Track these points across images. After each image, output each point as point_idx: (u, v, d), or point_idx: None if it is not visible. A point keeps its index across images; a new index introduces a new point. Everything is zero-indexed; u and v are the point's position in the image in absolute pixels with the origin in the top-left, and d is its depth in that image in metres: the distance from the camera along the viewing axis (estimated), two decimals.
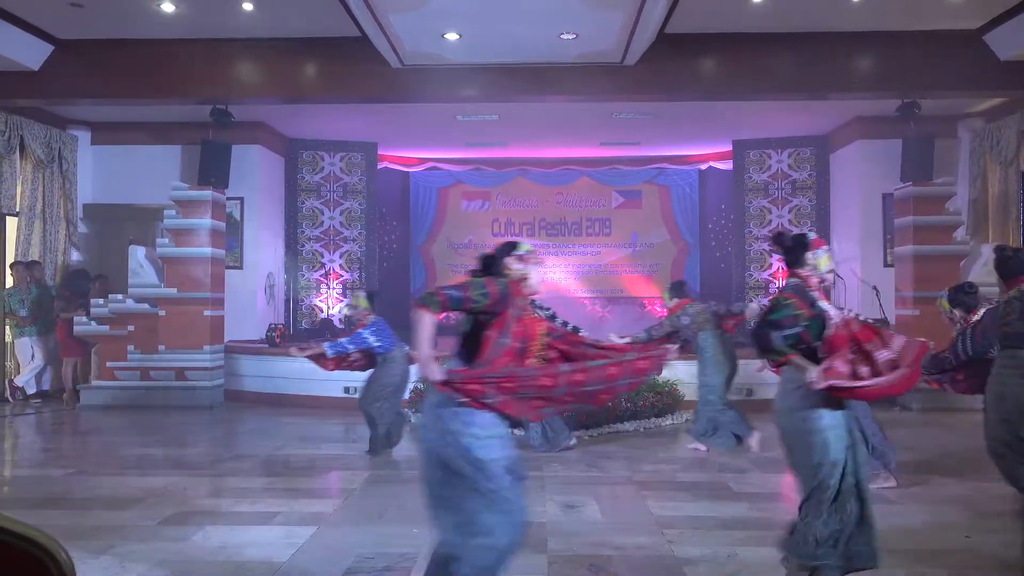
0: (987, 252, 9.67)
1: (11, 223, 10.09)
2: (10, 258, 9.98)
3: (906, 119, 9.68)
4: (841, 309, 3.72)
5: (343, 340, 6.73)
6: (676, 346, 6.94)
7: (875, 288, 9.89)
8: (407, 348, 6.60)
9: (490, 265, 3.16)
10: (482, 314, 2.98)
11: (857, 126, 11.05)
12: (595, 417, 7.68)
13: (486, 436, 2.94)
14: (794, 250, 3.58)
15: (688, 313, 6.97)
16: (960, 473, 5.94)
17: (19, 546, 1.05)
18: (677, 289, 7.23)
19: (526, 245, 3.23)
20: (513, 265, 3.15)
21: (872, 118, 10.72)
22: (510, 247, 3.20)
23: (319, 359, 6.66)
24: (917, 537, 4.38)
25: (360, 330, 6.65)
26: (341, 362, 6.70)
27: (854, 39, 8.70)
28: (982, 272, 9.51)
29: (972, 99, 9.95)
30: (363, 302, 6.80)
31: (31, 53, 8.75)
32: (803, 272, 3.55)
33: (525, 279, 3.15)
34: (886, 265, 10.81)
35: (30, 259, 9.98)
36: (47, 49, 8.88)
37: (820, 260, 3.55)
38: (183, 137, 11.00)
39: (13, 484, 6.03)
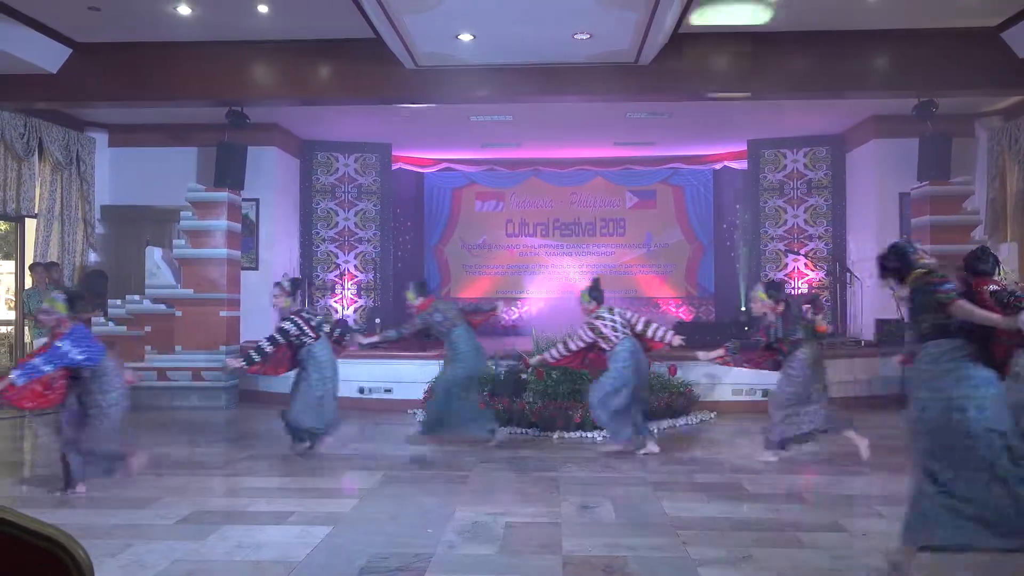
0: (1005, 251, 9.59)
1: (30, 225, 10.20)
2: (29, 259, 10.08)
3: (923, 118, 9.60)
4: None
5: (35, 360, 5.23)
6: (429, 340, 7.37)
7: (893, 288, 9.81)
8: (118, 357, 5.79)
9: (905, 264, 3.91)
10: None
11: (873, 125, 10.98)
12: None
13: (982, 395, 3.55)
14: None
15: (439, 310, 7.13)
16: None
17: (39, 544, 1.06)
18: (421, 288, 7.32)
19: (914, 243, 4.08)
20: (925, 257, 3.91)
21: (888, 117, 10.64)
22: (909, 245, 3.96)
23: (7, 394, 5.19)
24: None
25: (56, 343, 5.26)
26: (41, 395, 5.28)
27: (870, 37, 8.64)
28: (1000, 272, 9.43)
29: (990, 97, 9.86)
30: (60, 306, 5.43)
31: (49, 56, 8.83)
32: None
33: (935, 264, 3.93)
34: None
35: (49, 260, 10.08)
36: (65, 52, 8.96)
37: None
38: (199, 139, 11.08)
39: (33, 483, 6.08)
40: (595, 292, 6.89)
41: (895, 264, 3.93)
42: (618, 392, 6.60)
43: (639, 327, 6.78)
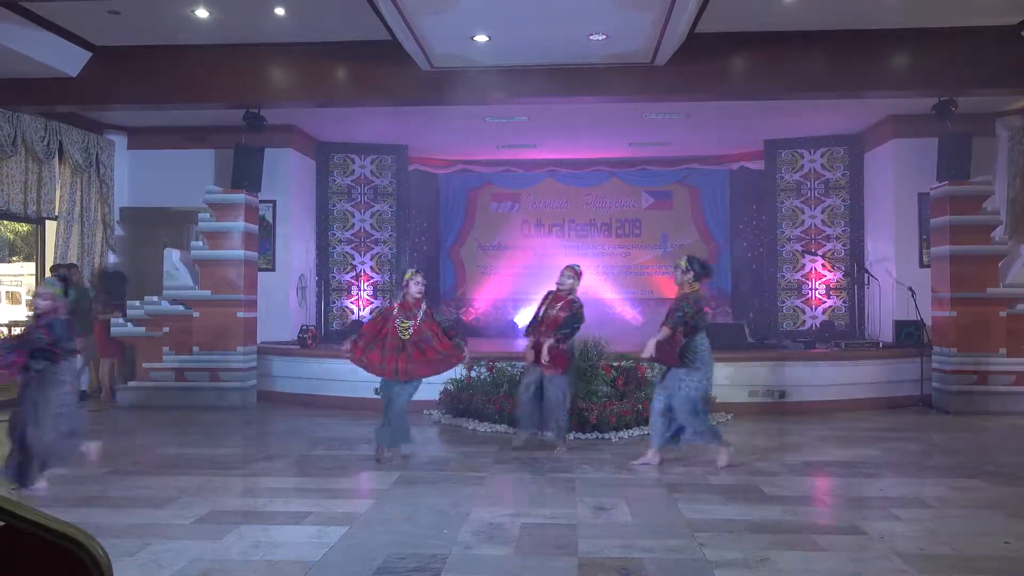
0: None
1: (50, 227, 10.31)
2: (49, 261, 10.19)
3: (942, 117, 9.51)
4: None
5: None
6: None
7: (911, 289, 9.74)
8: None
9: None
10: None
11: (892, 125, 10.89)
12: (625, 420, 7.65)
13: None
14: None
15: None
16: (1000, 477, 5.82)
17: (58, 543, 1.07)
18: None
19: None
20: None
21: (907, 116, 10.55)
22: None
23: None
24: (955, 542, 4.30)
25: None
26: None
27: (888, 36, 8.57)
28: (1022, 272, 9.33)
29: (1010, 96, 9.75)
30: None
31: (69, 60, 8.93)
32: None
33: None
34: (922, 266, 10.63)
35: (69, 262, 10.18)
36: (85, 56, 9.06)
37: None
38: (217, 141, 11.16)
39: (51, 482, 6.13)
40: None
41: None
42: None
43: None
